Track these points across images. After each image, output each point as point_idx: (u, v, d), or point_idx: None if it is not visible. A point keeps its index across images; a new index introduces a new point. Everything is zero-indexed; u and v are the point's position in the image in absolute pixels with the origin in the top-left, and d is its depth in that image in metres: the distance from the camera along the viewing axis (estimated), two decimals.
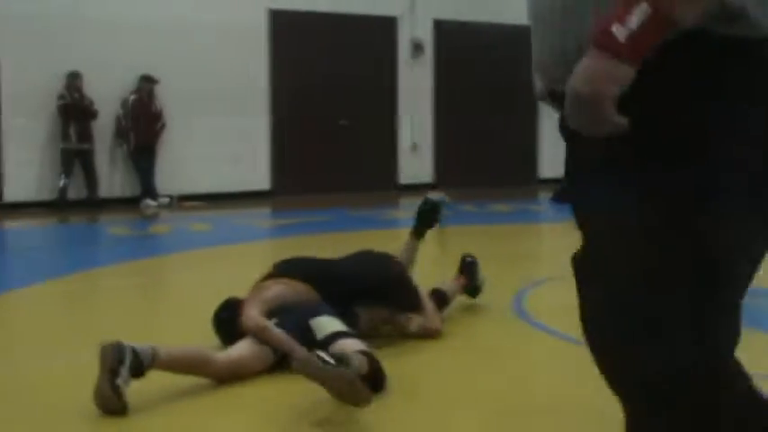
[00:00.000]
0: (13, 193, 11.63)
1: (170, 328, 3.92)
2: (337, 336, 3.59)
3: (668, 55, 1.32)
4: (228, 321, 3.90)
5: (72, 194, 11.73)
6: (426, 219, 4.81)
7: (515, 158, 15.52)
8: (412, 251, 4.69)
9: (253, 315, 3.75)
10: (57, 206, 11.50)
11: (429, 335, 4.19)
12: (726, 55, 1.34)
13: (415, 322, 4.18)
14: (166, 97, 12.27)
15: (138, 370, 3.24)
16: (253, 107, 13.15)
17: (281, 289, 3.98)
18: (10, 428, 3.15)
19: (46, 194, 11.69)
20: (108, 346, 3.23)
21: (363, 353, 3.42)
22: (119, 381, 3.17)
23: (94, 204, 11.75)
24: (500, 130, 15.24)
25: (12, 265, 7.64)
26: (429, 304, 4.30)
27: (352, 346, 3.50)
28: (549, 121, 15.43)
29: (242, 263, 4.61)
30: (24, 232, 10.11)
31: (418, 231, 4.77)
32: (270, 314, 3.81)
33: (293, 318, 3.76)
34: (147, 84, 12.06)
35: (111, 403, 3.15)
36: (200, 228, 9.78)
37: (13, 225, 10.52)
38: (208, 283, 6.21)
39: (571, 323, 4.33)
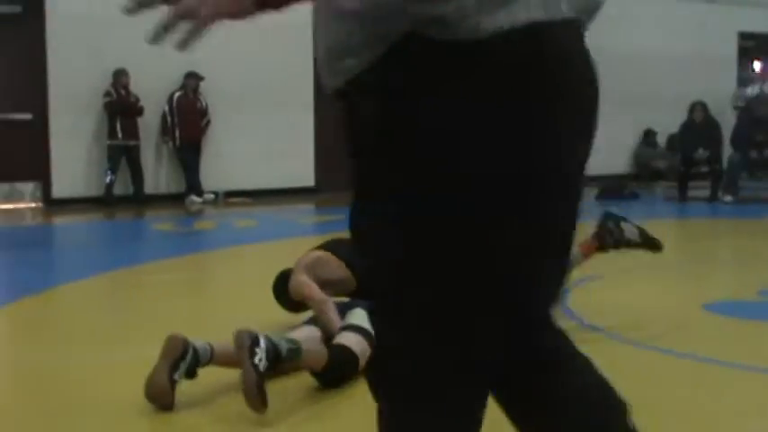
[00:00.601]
0: (60, 190, 11.77)
1: (216, 323, 3.92)
2: (350, 327, 3.55)
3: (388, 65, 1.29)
4: (285, 292, 4.05)
5: (118, 191, 11.84)
6: None
7: None
8: None
9: (302, 280, 3.88)
10: (103, 202, 11.61)
11: None
12: (445, 59, 1.27)
13: None
14: (211, 94, 12.33)
15: (194, 368, 3.22)
16: (297, 103, 13.17)
17: (318, 255, 4.11)
18: (59, 422, 3.17)
19: (93, 191, 11.81)
20: (175, 339, 3.21)
21: (344, 349, 3.38)
22: (176, 375, 3.15)
23: (140, 200, 11.85)
24: None
25: (59, 260, 7.72)
26: None
27: (348, 339, 3.45)
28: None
29: (287, 259, 4.59)
30: (71, 228, 10.22)
31: None
32: (318, 282, 3.91)
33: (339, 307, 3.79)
34: (192, 80, 12.12)
35: (164, 396, 3.12)
36: (245, 224, 9.81)
37: (61, 221, 10.65)
38: (253, 278, 6.22)
39: (618, 321, 4.27)
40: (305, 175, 13.35)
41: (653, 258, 5.28)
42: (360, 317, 3.61)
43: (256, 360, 3.01)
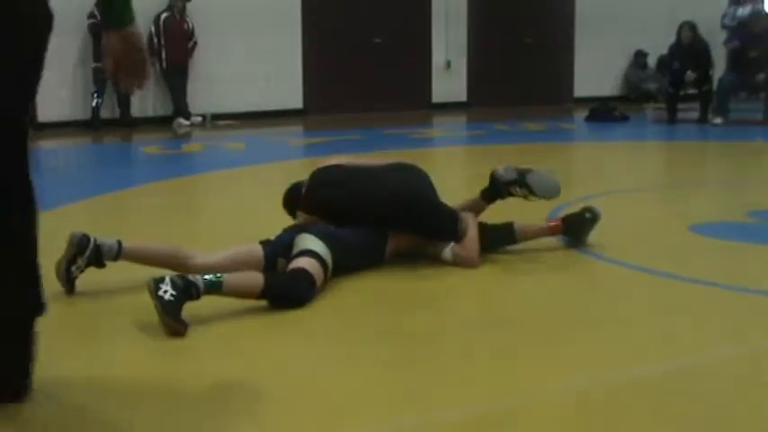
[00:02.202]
0: (46, 113, 11.64)
1: (206, 246, 3.93)
2: (302, 253, 3.69)
3: None
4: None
5: (105, 114, 11.76)
6: (500, 191, 4.42)
7: (550, 77, 15.33)
8: (476, 208, 4.42)
9: None
10: (90, 126, 11.54)
11: (463, 264, 4.10)
12: None
13: (446, 251, 4.12)
14: (198, 15, 12.18)
15: (98, 261, 3.72)
16: (285, 25, 13.04)
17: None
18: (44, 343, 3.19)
19: (79, 114, 11.73)
20: (74, 236, 3.74)
21: (295, 271, 3.58)
22: (74, 268, 3.70)
23: (127, 124, 11.78)
24: (535, 48, 15.04)
25: (46, 185, 7.67)
26: (471, 232, 4.13)
27: (302, 264, 3.61)
28: (585, 39, 15.20)
29: (275, 181, 4.60)
30: (58, 152, 10.17)
31: (488, 197, 4.45)
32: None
33: (287, 235, 3.93)
34: (179, 1, 11.96)
35: (63, 284, 3.69)
36: (233, 147, 9.78)
37: (47, 145, 10.59)
38: (241, 200, 6.23)
39: (605, 242, 4.31)
40: (293, 97, 13.27)
41: (640, 180, 5.32)
42: (309, 241, 3.75)
43: (160, 293, 3.22)
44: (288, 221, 4.22)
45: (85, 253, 3.71)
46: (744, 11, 13.20)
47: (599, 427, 2.45)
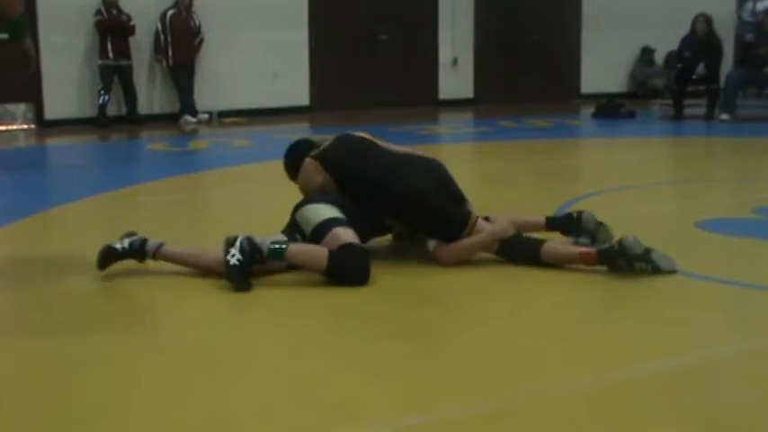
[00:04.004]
0: (52, 111, 11.68)
1: (212, 242, 3.94)
2: (334, 223, 3.90)
3: None
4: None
5: (111, 111, 11.76)
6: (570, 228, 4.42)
7: (557, 73, 15.30)
8: (528, 227, 4.38)
9: None
10: (96, 123, 11.55)
11: (435, 260, 4.10)
12: None
13: (431, 241, 4.16)
14: (205, 12, 12.18)
15: (140, 254, 3.96)
16: (292, 22, 13.03)
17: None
18: (58, 340, 3.21)
19: (86, 112, 11.73)
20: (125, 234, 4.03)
21: (347, 247, 3.76)
22: (117, 244, 3.96)
23: (134, 121, 11.79)
24: (542, 45, 15.01)
25: (53, 182, 7.71)
26: (471, 240, 4.07)
27: (346, 237, 3.82)
28: (591, 35, 15.17)
29: (282, 178, 4.60)
30: (65, 149, 10.19)
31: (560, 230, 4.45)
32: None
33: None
34: None
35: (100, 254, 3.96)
36: (239, 144, 9.79)
37: (54, 142, 10.61)
38: (248, 198, 6.25)
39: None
40: (300, 94, 13.26)
41: (647, 177, 5.30)
42: (329, 210, 3.98)
43: (228, 257, 3.67)
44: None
45: (133, 237, 4.00)
46: (763, 5, 13.14)
47: (607, 423, 2.45)
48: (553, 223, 4.47)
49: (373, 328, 3.31)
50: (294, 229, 4.01)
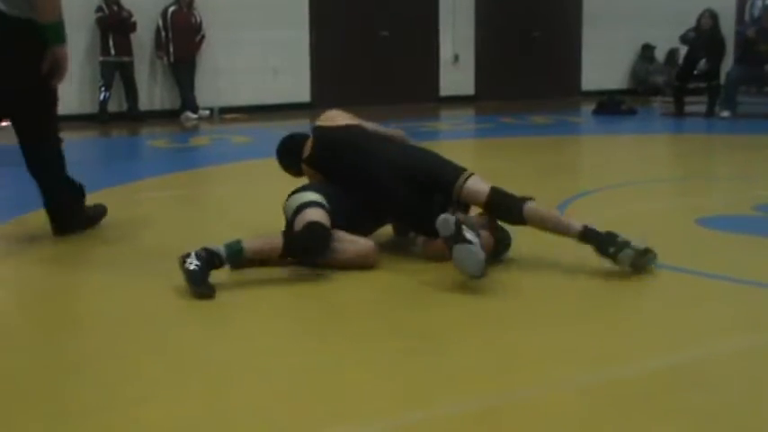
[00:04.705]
0: None
1: (213, 238, 3.94)
2: (307, 205, 3.94)
3: None
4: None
5: (112, 108, 11.76)
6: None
7: (558, 70, 15.30)
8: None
9: None
10: (97, 119, 11.54)
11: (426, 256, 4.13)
12: None
13: (418, 242, 4.20)
14: (206, 9, 12.18)
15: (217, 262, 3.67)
16: (293, 18, 13.03)
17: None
18: (60, 336, 3.21)
19: (87, 108, 11.73)
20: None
21: (310, 224, 3.81)
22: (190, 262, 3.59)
23: (135, 117, 11.78)
24: (543, 41, 15.01)
25: None
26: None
27: (312, 216, 3.85)
28: (592, 32, 15.16)
29: (282, 175, 4.60)
30: (65, 145, 10.17)
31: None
32: None
33: None
34: None
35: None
36: (240, 140, 9.79)
37: None
38: (249, 194, 6.25)
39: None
40: (301, 90, 13.26)
41: (647, 174, 5.29)
42: (310, 194, 4.03)
43: (186, 265, 3.54)
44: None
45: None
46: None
47: (608, 420, 2.45)
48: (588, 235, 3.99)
49: (372, 325, 3.31)
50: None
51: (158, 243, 4.55)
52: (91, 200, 5.61)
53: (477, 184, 4.04)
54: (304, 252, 3.83)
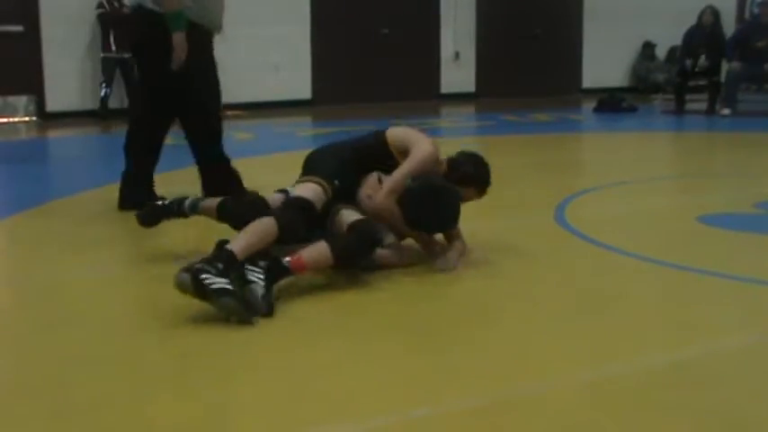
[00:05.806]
0: (54, 103, 11.68)
1: (214, 234, 3.95)
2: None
3: None
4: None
5: (113, 104, 11.76)
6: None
7: (559, 68, 15.30)
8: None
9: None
10: (98, 116, 11.54)
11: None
12: None
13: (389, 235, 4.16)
14: None
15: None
16: (294, 15, 13.02)
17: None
18: (58, 334, 3.21)
19: (87, 104, 11.73)
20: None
21: (297, 199, 3.80)
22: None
23: None
24: (544, 39, 15.01)
25: (55, 174, 7.71)
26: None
27: (302, 191, 3.85)
28: (593, 30, 15.15)
29: (284, 171, 4.60)
30: (67, 142, 10.19)
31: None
32: None
33: None
34: None
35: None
36: (242, 137, 9.78)
37: (56, 135, 10.60)
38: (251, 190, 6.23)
39: (614, 234, 4.31)
40: (302, 87, 13.26)
41: (648, 171, 5.27)
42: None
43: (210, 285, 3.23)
44: None
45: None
46: None
47: (610, 416, 2.45)
48: None
49: (376, 322, 3.31)
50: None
51: (160, 240, 4.55)
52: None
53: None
54: (291, 232, 3.66)
